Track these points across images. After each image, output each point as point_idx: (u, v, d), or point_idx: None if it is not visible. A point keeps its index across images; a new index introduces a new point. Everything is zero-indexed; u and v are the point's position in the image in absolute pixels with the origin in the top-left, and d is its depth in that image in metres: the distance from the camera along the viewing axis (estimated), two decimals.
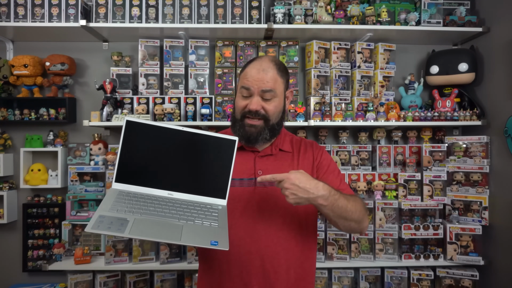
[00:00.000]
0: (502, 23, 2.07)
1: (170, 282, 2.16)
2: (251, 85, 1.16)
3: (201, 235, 0.92)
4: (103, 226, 0.85)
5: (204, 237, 0.91)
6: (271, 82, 1.17)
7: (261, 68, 1.18)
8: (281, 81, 1.20)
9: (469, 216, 2.16)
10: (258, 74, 1.16)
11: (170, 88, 2.25)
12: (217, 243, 0.90)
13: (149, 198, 1.00)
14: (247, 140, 1.19)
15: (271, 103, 1.18)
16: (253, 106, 1.15)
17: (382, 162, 2.30)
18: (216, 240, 0.91)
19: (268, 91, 1.16)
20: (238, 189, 1.16)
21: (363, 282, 2.20)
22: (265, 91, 1.16)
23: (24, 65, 2.18)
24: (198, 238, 0.91)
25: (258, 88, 1.16)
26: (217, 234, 0.94)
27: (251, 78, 1.17)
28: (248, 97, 1.18)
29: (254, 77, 1.16)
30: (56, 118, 2.24)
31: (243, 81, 1.19)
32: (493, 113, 2.13)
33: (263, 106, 1.17)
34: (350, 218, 1.11)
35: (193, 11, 2.15)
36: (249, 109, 1.16)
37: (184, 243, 0.89)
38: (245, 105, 1.17)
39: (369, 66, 2.31)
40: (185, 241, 0.89)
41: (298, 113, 2.17)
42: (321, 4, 2.19)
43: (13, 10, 2.09)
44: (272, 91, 1.16)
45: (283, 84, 1.22)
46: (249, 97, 1.17)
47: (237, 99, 1.22)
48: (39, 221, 2.25)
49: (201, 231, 0.93)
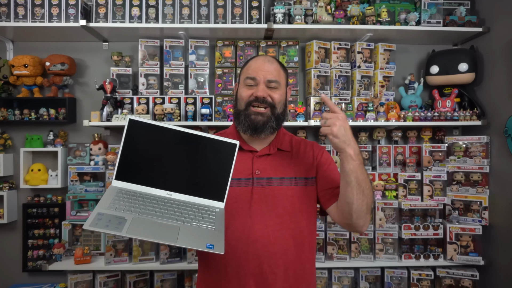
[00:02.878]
0: (502, 23, 2.07)
1: (170, 282, 2.16)
2: (257, 75, 1.19)
3: (198, 238, 0.92)
4: (101, 223, 0.85)
5: (200, 239, 0.92)
6: (275, 73, 1.21)
7: (266, 59, 1.22)
8: (283, 74, 1.25)
9: (469, 216, 2.16)
10: (264, 65, 1.20)
11: (170, 88, 2.25)
12: (213, 246, 0.91)
13: (148, 198, 1.01)
14: (254, 129, 1.18)
15: (277, 91, 1.20)
16: (260, 93, 1.17)
17: (382, 162, 2.30)
18: (212, 243, 0.91)
19: (274, 81, 1.19)
20: (236, 189, 1.15)
21: (363, 282, 2.20)
22: (271, 81, 1.19)
23: (24, 65, 2.18)
24: (194, 240, 0.91)
25: (264, 78, 1.18)
26: (213, 237, 0.94)
27: (256, 69, 1.20)
28: (253, 87, 1.19)
29: (259, 67, 1.20)
30: (56, 118, 2.24)
31: (247, 72, 1.22)
32: (493, 113, 2.13)
33: (269, 94, 1.19)
34: (366, 193, 1.07)
35: (193, 11, 2.15)
36: (256, 96, 1.18)
37: (180, 244, 0.89)
38: (251, 94, 1.19)
39: (369, 66, 2.31)
40: (181, 243, 0.89)
41: (298, 113, 2.17)
42: (321, 4, 2.19)
43: (13, 10, 2.09)
44: (277, 81, 1.20)
45: (285, 78, 1.26)
46: (255, 86, 1.19)
47: (240, 90, 1.23)
48: (39, 221, 2.25)
49: (198, 234, 0.94)
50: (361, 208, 1.08)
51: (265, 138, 1.24)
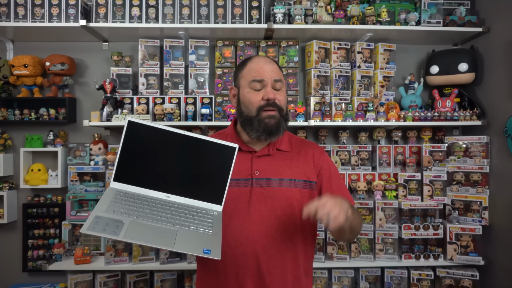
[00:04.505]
0: (502, 23, 2.07)
1: (170, 282, 2.16)
2: (264, 76, 1.17)
3: (195, 242, 0.93)
4: (98, 227, 0.86)
5: (197, 244, 0.92)
6: (278, 72, 1.21)
7: (267, 60, 1.21)
8: (282, 73, 1.25)
9: (469, 216, 2.16)
10: (267, 66, 1.19)
11: (170, 88, 2.25)
12: (210, 251, 0.91)
13: (146, 200, 1.01)
14: (269, 132, 1.16)
15: (281, 93, 1.20)
16: (271, 95, 1.16)
17: (382, 162, 2.30)
18: (208, 248, 0.92)
19: (279, 80, 1.19)
20: (235, 190, 1.15)
21: (363, 282, 2.20)
22: (277, 81, 1.18)
23: (24, 65, 2.18)
24: (191, 245, 0.92)
25: (271, 78, 1.17)
26: (210, 241, 0.94)
27: (261, 70, 1.17)
28: (261, 90, 1.17)
29: (264, 68, 1.18)
30: (56, 118, 2.24)
31: (252, 75, 1.18)
32: (493, 113, 2.13)
33: (275, 96, 1.17)
34: (355, 228, 1.15)
35: (193, 11, 2.15)
36: (267, 98, 1.15)
37: (177, 249, 0.90)
38: (261, 98, 1.16)
39: (369, 66, 2.31)
40: (178, 247, 0.89)
41: (298, 113, 2.17)
42: (321, 4, 2.19)
43: (13, 10, 2.09)
44: (281, 81, 1.20)
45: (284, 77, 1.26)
46: (262, 89, 1.17)
47: (248, 95, 1.18)
48: (39, 221, 2.25)
49: (195, 238, 0.94)
50: (351, 238, 1.22)
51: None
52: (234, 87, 1.27)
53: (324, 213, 0.94)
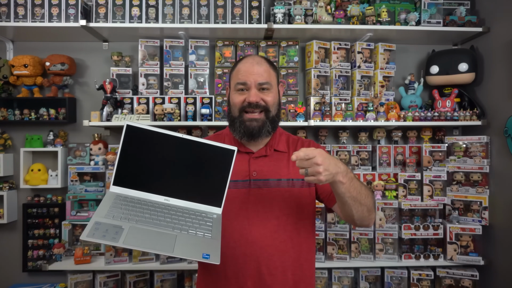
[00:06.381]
0: (502, 23, 2.07)
1: (170, 282, 2.16)
2: (247, 79, 1.16)
3: (194, 247, 0.93)
4: (98, 234, 0.86)
5: (196, 249, 0.92)
6: (265, 75, 1.18)
7: (254, 61, 1.19)
8: (273, 74, 1.22)
9: (469, 216, 2.16)
10: (253, 68, 1.17)
11: (170, 88, 2.25)
12: (209, 256, 0.91)
13: (145, 204, 1.00)
14: (250, 135, 1.17)
15: (269, 94, 1.18)
16: (253, 98, 1.15)
17: (382, 162, 2.30)
18: (208, 253, 0.92)
19: (265, 83, 1.17)
20: (233, 191, 1.15)
21: (363, 282, 2.20)
22: (262, 84, 1.17)
23: (24, 65, 2.18)
24: (190, 250, 0.92)
25: (254, 81, 1.16)
26: (209, 246, 0.94)
27: (246, 73, 1.17)
28: (244, 92, 1.18)
29: (248, 71, 1.17)
30: (56, 118, 2.24)
31: (237, 77, 1.19)
32: (493, 113, 2.13)
33: (262, 97, 1.17)
34: (364, 202, 1.06)
35: (193, 11, 2.15)
36: (248, 102, 1.16)
37: (177, 255, 0.90)
38: (243, 100, 1.17)
39: (369, 66, 2.31)
40: (177, 253, 0.89)
41: (298, 113, 2.17)
42: (321, 4, 2.19)
43: (13, 10, 2.09)
44: (268, 82, 1.18)
45: (275, 77, 1.23)
46: (246, 91, 1.17)
47: (232, 96, 1.21)
48: (39, 221, 2.25)
49: (194, 243, 0.94)
50: (362, 215, 1.09)
51: (261, 140, 1.23)
52: (228, 88, 1.28)
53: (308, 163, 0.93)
